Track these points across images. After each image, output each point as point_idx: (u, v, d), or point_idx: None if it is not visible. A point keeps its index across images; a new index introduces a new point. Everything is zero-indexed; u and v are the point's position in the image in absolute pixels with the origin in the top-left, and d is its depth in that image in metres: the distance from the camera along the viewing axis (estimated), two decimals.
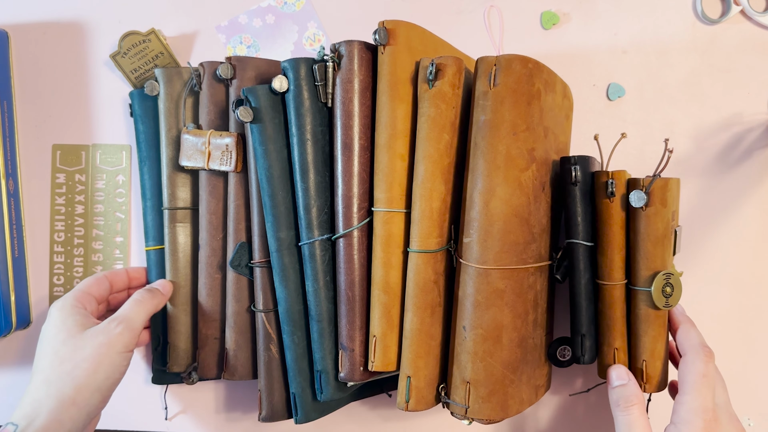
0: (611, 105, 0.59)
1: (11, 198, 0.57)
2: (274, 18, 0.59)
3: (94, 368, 0.45)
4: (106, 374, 0.45)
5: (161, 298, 0.52)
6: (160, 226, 0.55)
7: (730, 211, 0.59)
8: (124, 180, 0.59)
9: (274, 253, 0.50)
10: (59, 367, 0.45)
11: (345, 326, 0.48)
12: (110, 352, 0.46)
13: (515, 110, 0.45)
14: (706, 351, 0.48)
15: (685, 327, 0.50)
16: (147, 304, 0.50)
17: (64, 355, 0.45)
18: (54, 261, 0.59)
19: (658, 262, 0.48)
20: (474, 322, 0.46)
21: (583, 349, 0.51)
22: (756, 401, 0.59)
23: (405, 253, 0.48)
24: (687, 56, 0.59)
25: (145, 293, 0.51)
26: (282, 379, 0.52)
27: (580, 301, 0.50)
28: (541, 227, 0.49)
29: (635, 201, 0.47)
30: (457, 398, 0.47)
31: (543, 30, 0.59)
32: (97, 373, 0.45)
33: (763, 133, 0.58)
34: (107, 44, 0.59)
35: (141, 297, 0.50)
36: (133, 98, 0.55)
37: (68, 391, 0.44)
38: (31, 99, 0.59)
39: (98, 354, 0.45)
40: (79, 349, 0.45)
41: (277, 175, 0.49)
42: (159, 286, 0.53)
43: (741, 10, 0.58)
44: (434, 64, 0.46)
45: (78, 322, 0.47)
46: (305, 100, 0.48)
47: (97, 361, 0.45)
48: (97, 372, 0.45)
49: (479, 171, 0.46)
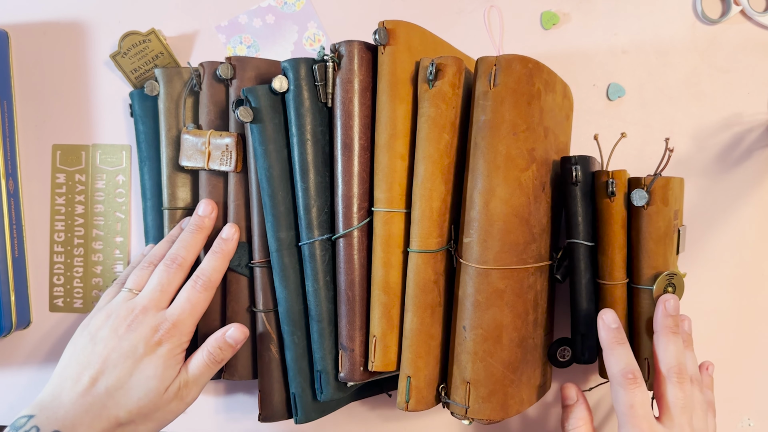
0: (611, 105, 0.59)
1: (11, 198, 0.57)
2: (274, 18, 0.59)
3: None
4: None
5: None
6: (160, 226, 0.55)
7: (730, 211, 0.59)
8: (124, 180, 0.59)
9: (274, 253, 0.50)
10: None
11: (345, 326, 0.48)
12: None
13: (515, 110, 0.45)
14: (678, 373, 0.45)
15: (663, 340, 0.46)
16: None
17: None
18: (54, 261, 0.59)
19: (660, 260, 0.48)
20: (474, 322, 0.46)
21: (583, 349, 0.51)
22: (756, 401, 0.59)
23: (405, 253, 0.48)
24: (687, 56, 0.59)
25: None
26: (282, 379, 0.52)
27: (580, 301, 0.50)
28: (541, 227, 0.49)
29: (637, 200, 0.47)
30: (457, 398, 0.47)
31: (543, 30, 0.59)
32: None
33: (763, 133, 0.58)
34: (107, 44, 0.59)
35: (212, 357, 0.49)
36: (133, 98, 0.55)
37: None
38: (31, 99, 0.59)
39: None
40: None
41: (277, 175, 0.49)
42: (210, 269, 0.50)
43: (741, 10, 0.58)
44: (434, 64, 0.46)
45: (171, 377, 0.46)
46: (305, 100, 0.48)
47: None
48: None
49: (479, 171, 0.46)
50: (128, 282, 0.49)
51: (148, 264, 0.50)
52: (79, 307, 0.59)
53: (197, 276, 0.49)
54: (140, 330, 0.46)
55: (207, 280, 0.49)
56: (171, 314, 0.47)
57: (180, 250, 0.50)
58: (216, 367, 0.49)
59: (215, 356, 0.48)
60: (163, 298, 0.48)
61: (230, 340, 0.49)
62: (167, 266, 0.49)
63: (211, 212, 0.52)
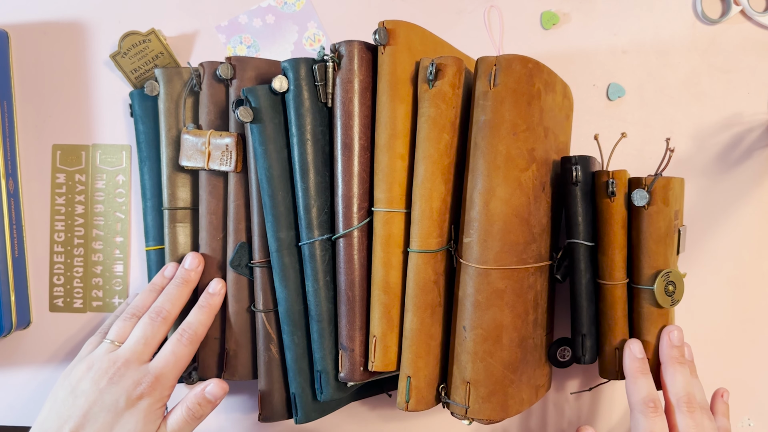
0: (611, 105, 0.59)
1: (11, 198, 0.57)
2: (274, 18, 0.59)
3: None
4: None
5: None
6: (160, 226, 0.55)
7: (730, 211, 0.59)
8: (124, 180, 0.59)
9: (274, 253, 0.50)
10: None
11: (345, 326, 0.48)
12: None
13: (515, 110, 0.45)
14: (687, 402, 0.46)
15: (671, 370, 0.48)
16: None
17: None
18: (54, 261, 0.59)
19: (660, 260, 0.48)
20: (474, 322, 0.46)
21: (583, 349, 0.51)
22: (756, 401, 0.59)
23: (405, 253, 0.48)
24: (687, 56, 0.59)
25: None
26: (282, 379, 0.52)
27: (580, 301, 0.50)
28: (541, 227, 0.49)
29: (638, 200, 0.47)
30: (457, 398, 0.47)
31: (543, 30, 0.59)
32: None
33: (763, 133, 0.58)
34: (107, 44, 0.59)
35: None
36: (133, 98, 0.55)
37: None
38: (31, 99, 0.59)
39: None
40: None
41: (277, 175, 0.49)
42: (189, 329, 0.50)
43: (741, 10, 0.58)
44: (434, 64, 0.46)
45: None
46: (305, 100, 0.48)
47: None
48: None
49: (479, 171, 0.46)
50: (110, 333, 0.49)
51: (131, 315, 0.50)
52: (79, 307, 0.59)
53: (183, 329, 0.49)
54: (122, 383, 0.46)
55: (193, 333, 0.49)
56: (154, 367, 0.47)
57: (165, 303, 0.50)
58: (195, 423, 0.48)
59: (194, 412, 0.48)
60: (146, 351, 0.48)
61: (209, 396, 0.48)
62: (152, 319, 0.49)
63: (197, 266, 0.52)
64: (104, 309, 0.59)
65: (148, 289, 0.52)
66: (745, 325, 0.59)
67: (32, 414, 0.59)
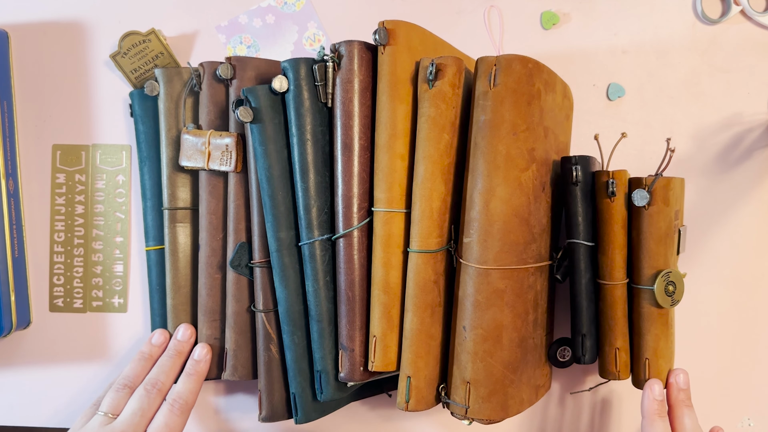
0: (611, 105, 0.59)
1: (11, 198, 0.57)
2: (274, 18, 0.59)
3: None
4: None
5: None
6: (160, 226, 0.55)
7: (730, 211, 0.59)
8: (124, 180, 0.59)
9: (274, 253, 0.50)
10: None
11: (345, 326, 0.48)
12: None
13: (515, 110, 0.45)
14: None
15: (679, 413, 0.49)
16: None
17: None
18: (54, 261, 0.59)
19: (660, 260, 0.48)
20: (474, 322, 0.46)
21: (583, 349, 0.51)
22: (756, 401, 0.59)
23: (405, 253, 0.48)
24: (687, 56, 0.59)
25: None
26: (282, 379, 0.52)
27: (580, 301, 0.50)
28: (541, 227, 0.49)
29: (638, 200, 0.47)
30: (457, 398, 0.47)
31: (543, 30, 0.59)
32: None
33: (763, 133, 0.58)
34: (107, 44, 0.59)
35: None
36: (133, 98, 0.55)
37: None
38: (31, 99, 0.59)
39: None
40: None
41: (277, 175, 0.49)
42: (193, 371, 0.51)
43: (741, 10, 0.58)
44: (434, 64, 0.46)
45: None
46: (305, 100, 0.48)
47: None
48: None
49: (479, 171, 0.46)
50: (103, 405, 0.49)
51: (123, 386, 0.50)
52: (79, 307, 0.59)
53: (174, 400, 0.49)
54: None
55: (184, 403, 0.49)
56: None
57: (160, 375, 0.51)
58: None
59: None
60: (143, 423, 0.48)
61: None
62: (147, 391, 0.49)
63: (189, 337, 0.53)
64: (104, 309, 0.59)
65: (137, 358, 0.52)
66: (745, 325, 0.59)
67: (32, 414, 0.59)
